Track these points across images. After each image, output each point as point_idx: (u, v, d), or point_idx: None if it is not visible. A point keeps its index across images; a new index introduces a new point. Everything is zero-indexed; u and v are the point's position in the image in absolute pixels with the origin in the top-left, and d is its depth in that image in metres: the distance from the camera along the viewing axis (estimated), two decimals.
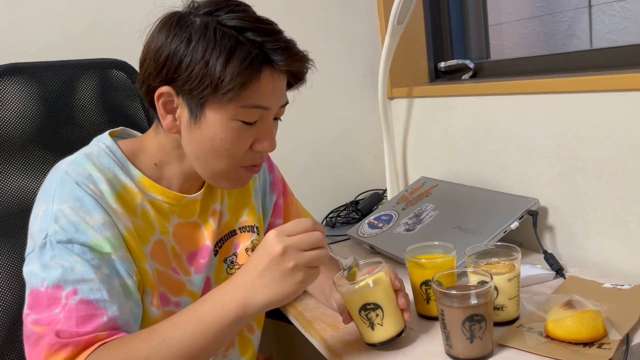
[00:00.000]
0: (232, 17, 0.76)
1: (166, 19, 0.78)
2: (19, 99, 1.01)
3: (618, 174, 1.00)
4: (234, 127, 0.78)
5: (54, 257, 0.72)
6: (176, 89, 0.77)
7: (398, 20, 1.36)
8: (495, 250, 0.90)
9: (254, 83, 0.75)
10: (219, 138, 0.78)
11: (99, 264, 0.73)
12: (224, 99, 0.75)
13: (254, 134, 0.80)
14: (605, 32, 1.53)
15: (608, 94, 1.00)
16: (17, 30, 1.23)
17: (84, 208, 0.75)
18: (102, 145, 0.83)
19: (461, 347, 0.77)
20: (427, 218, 1.24)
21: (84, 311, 0.70)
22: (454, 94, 1.38)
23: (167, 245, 0.85)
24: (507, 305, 0.85)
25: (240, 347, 0.96)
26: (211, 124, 0.78)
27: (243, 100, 0.76)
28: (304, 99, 1.58)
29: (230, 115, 0.77)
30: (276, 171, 1.07)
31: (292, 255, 0.69)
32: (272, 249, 0.69)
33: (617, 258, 1.03)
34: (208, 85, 0.74)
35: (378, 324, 0.82)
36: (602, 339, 0.76)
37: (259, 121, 0.80)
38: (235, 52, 0.73)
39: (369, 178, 1.68)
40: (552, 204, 1.14)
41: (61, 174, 0.78)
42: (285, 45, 0.77)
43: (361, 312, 0.82)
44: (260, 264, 0.70)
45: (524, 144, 1.19)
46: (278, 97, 0.81)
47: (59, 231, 0.73)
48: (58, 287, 0.71)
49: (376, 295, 0.81)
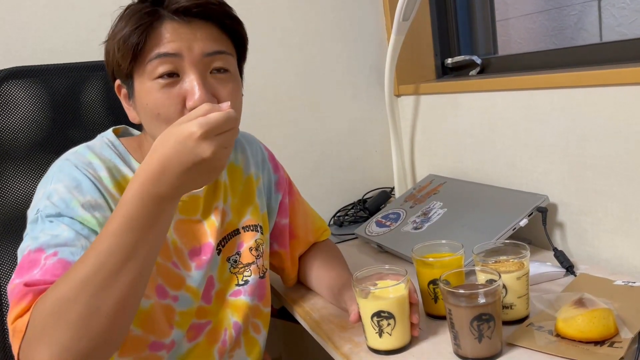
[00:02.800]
0: None
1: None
2: (25, 102, 1.02)
3: (628, 170, 0.98)
4: (156, 87, 0.77)
5: (44, 230, 0.74)
6: (120, 78, 0.81)
7: (404, 16, 1.35)
8: (504, 248, 0.89)
9: (151, 34, 0.76)
10: (149, 104, 0.78)
11: (88, 234, 0.74)
12: (132, 61, 0.76)
13: (180, 91, 0.77)
14: (615, 26, 1.51)
15: (618, 88, 0.98)
16: (22, 34, 1.24)
17: (78, 188, 0.77)
18: (104, 139, 0.86)
19: (469, 346, 0.76)
20: (435, 216, 1.23)
21: (59, 269, 0.70)
22: (461, 90, 1.37)
23: (168, 238, 0.85)
24: (516, 303, 0.84)
25: (246, 347, 0.95)
26: (139, 94, 0.79)
27: (147, 54, 0.76)
28: (311, 98, 1.58)
29: (147, 76, 0.77)
30: (281, 171, 1.06)
31: (211, 143, 0.61)
32: (200, 150, 0.61)
33: (628, 255, 1.01)
34: (115, 53, 0.77)
35: (387, 332, 0.82)
36: (614, 338, 0.75)
37: (181, 77, 0.77)
38: (127, 12, 0.77)
39: (376, 176, 1.67)
40: (561, 201, 1.12)
41: (62, 161, 0.82)
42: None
43: (374, 317, 0.82)
44: (186, 163, 0.61)
45: (532, 140, 1.17)
46: (186, 42, 0.76)
47: (49, 206, 0.75)
48: (39, 250, 0.72)
49: (393, 305, 0.81)
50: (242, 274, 0.94)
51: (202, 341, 0.90)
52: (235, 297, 0.93)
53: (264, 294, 0.98)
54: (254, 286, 0.95)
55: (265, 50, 1.48)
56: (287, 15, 1.51)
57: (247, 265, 0.94)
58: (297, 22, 1.53)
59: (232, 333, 0.92)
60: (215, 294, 0.92)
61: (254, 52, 1.45)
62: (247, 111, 1.45)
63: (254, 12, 1.46)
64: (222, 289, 0.93)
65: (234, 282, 0.94)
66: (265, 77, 1.49)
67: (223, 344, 0.91)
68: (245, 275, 0.94)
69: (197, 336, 0.89)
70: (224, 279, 0.93)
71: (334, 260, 1.07)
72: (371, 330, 0.83)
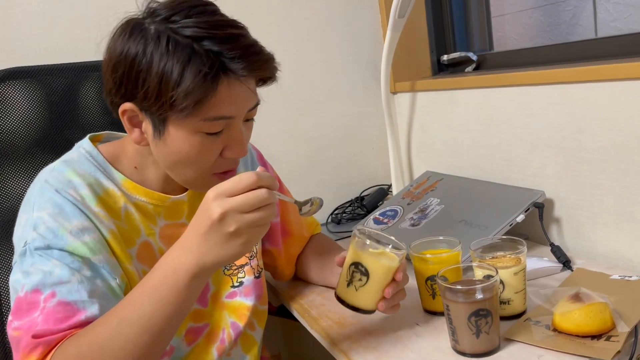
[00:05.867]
0: (187, 23, 0.72)
1: (121, 28, 0.76)
2: (22, 103, 1.01)
3: (624, 164, 0.99)
4: (199, 139, 0.76)
5: (34, 264, 0.73)
6: (137, 105, 0.75)
7: (399, 13, 1.35)
8: (501, 244, 0.89)
9: (211, 96, 0.72)
10: (184, 152, 0.76)
11: (79, 266, 0.74)
12: (182, 115, 0.72)
13: (222, 142, 0.78)
14: (610, 21, 1.51)
15: (613, 83, 0.98)
16: (17, 34, 1.23)
17: (62, 214, 0.76)
18: (82, 150, 0.83)
19: (467, 342, 0.77)
20: (433, 213, 1.23)
21: (61, 312, 0.70)
22: (457, 87, 1.37)
23: (154, 246, 0.85)
24: (513, 299, 0.84)
25: (242, 345, 0.96)
26: (175, 138, 0.76)
27: (203, 114, 0.73)
28: (307, 95, 1.58)
29: (192, 128, 0.75)
30: (270, 170, 1.07)
31: (232, 219, 0.65)
32: (211, 213, 0.65)
33: (624, 249, 1.02)
34: (164, 102, 0.71)
35: (355, 286, 0.82)
36: (610, 332, 0.76)
37: (226, 129, 0.77)
38: (189, 65, 0.70)
39: (373, 173, 1.67)
40: (558, 196, 1.13)
41: (41, 183, 0.79)
42: (244, 52, 0.73)
43: (352, 266, 0.82)
44: (201, 227, 0.67)
45: (528, 135, 1.18)
46: (242, 104, 0.77)
47: (37, 238, 0.74)
48: (37, 292, 0.71)
49: (374, 265, 0.81)
50: (237, 276, 0.95)
51: (201, 342, 0.90)
52: (231, 299, 0.94)
53: (260, 294, 0.98)
54: (250, 287, 0.95)
55: None
56: (282, 13, 1.51)
57: (241, 267, 0.94)
58: (292, 19, 1.52)
59: (230, 332, 0.93)
60: (211, 296, 0.92)
61: None
62: None
63: (249, 9, 1.46)
64: (217, 292, 0.93)
65: (228, 284, 0.94)
66: None
67: (222, 343, 0.92)
68: (239, 277, 0.95)
69: (195, 339, 0.90)
70: (218, 281, 0.93)
71: (333, 245, 1.09)
72: (343, 277, 0.83)
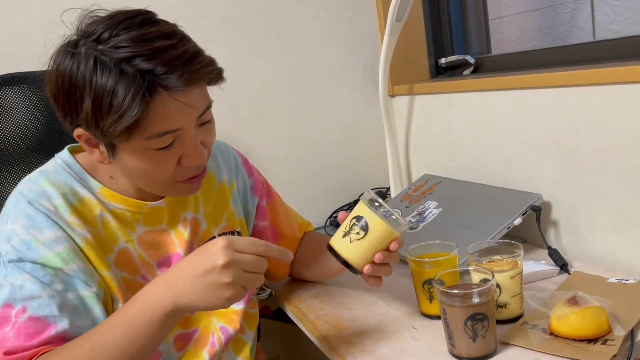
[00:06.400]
0: (116, 42, 0.70)
1: (57, 53, 0.75)
2: (20, 108, 1.02)
3: (621, 167, 0.99)
4: (151, 155, 0.75)
5: (6, 277, 0.74)
6: (86, 130, 0.75)
7: (397, 17, 1.35)
8: (498, 248, 0.89)
9: (145, 117, 0.70)
10: (140, 168, 0.77)
11: (51, 280, 0.74)
12: (122, 139, 0.72)
13: (177, 153, 0.77)
14: (608, 23, 1.51)
15: (610, 86, 0.98)
16: (15, 39, 1.23)
17: (35, 226, 0.76)
18: (58, 160, 0.84)
19: (464, 346, 0.77)
20: (431, 216, 1.23)
21: (32, 328, 0.71)
22: (455, 90, 1.37)
23: (134, 253, 0.85)
24: (510, 302, 0.84)
25: (233, 348, 0.96)
26: (128, 158, 0.76)
27: (144, 133, 0.72)
28: (305, 99, 1.59)
29: (140, 148, 0.74)
30: (256, 174, 1.06)
31: (233, 272, 0.68)
32: (215, 258, 0.68)
33: (621, 252, 1.02)
34: (102, 130, 0.71)
35: (351, 238, 0.82)
36: (607, 335, 0.76)
37: (177, 140, 0.76)
38: (117, 88, 0.68)
39: (372, 177, 1.67)
40: (555, 199, 1.13)
41: (16, 195, 0.80)
42: (173, 66, 0.70)
43: (353, 219, 0.82)
44: (199, 267, 0.68)
45: (526, 138, 1.18)
46: (186, 114, 0.74)
47: (10, 251, 0.75)
48: (8, 306, 0.72)
49: (376, 225, 0.81)
50: None
51: (191, 347, 0.91)
52: None
53: (248, 298, 0.98)
54: None
55: (259, 52, 1.49)
56: (280, 17, 1.51)
57: None
58: (290, 23, 1.53)
59: (220, 336, 0.93)
60: None
61: (249, 54, 1.46)
62: (242, 113, 1.47)
63: (248, 14, 1.46)
64: None
65: None
66: (260, 78, 1.50)
67: (212, 346, 0.92)
68: None
69: (185, 345, 0.90)
70: None
71: (325, 239, 1.07)
72: (342, 229, 0.83)
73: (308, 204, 1.16)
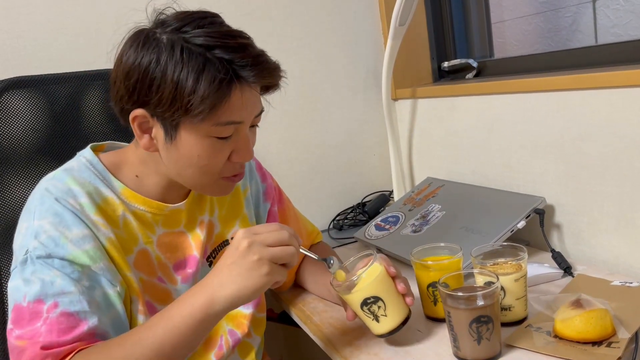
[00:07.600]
0: (199, 33, 0.75)
1: (133, 37, 0.78)
2: (26, 112, 1.02)
3: (624, 171, 0.99)
4: (209, 143, 0.79)
5: (35, 272, 0.74)
6: (149, 111, 0.77)
7: (400, 21, 1.36)
8: (502, 251, 0.89)
9: (225, 102, 0.75)
10: (196, 155, 0.79)
11: (79, 277, 0.75)
12: (196, 120, 0.75)
13: (231, 147, 0.81)
14: (609, 27, 1.52)
15: (612, 90, 0.99)
16: (20, 43, 1.24)
17: (63, 223, 0.77)
18: (82, 159, 0.85)
19: (469, 348, 0.77)
20: (434, 219, 1.24)
21: (64, 323, 0.72)
22: (457, 93, 1.38)
23: (152, 254, 0.86)
24: (514, 305, 0.85)
25: (239, 351, 0.96)
26: (187, 142, 0.78)
27: (215, 118, 0.76)
28: (309, 102, 1.59)
29: (204, 133, 0.78)
30: (269, 179, 1.07)
31: (256, 249, 0.72)
32: (238, 244, 0.72)
33: (625, 255, 1.02)
34: (179, 107, 0.74)
35: (382, 315, 0.82)
36: (611, 338, 0.76)
37: (234, 134, 0.80)
38: (204, 72, 0.73)
39: (375, 180, 1.68)
40: (558, 202, 1.13)
41: (41, 191, 0.80)
42: (254, 60, 0.76)
43: (363, 307, 0.82)
44: (228, 258, 0.73)
45: (529, 142, 1.18)
46: (250, 109, 0.80)
47: (38, 247, 0.75)
48: (39, 302, 0.73)
49: (374, 287, 0.81)
50: None
51: (199, 349, 0.91)
52: None
53: (258, 302, 0.99)
54: None
55: None
56: (284, 21, 1.52)
57: None
58: (293, 27, 1.54)
59: (228, 339, 0.93)
60: None
61: None
62: None
63: (251, 17, 1.47)
64: None
65: None
66: None
67: (220, 349, 0.92)
68: None
69: None
70: None
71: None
72: (367, 320, 0.84)
73: (311, 207, 1.16)
